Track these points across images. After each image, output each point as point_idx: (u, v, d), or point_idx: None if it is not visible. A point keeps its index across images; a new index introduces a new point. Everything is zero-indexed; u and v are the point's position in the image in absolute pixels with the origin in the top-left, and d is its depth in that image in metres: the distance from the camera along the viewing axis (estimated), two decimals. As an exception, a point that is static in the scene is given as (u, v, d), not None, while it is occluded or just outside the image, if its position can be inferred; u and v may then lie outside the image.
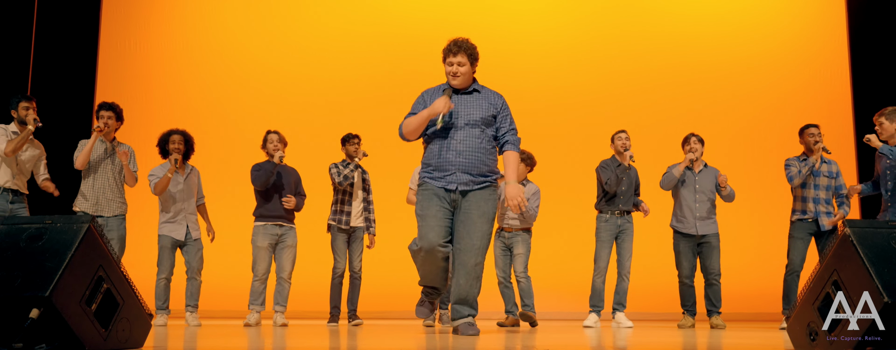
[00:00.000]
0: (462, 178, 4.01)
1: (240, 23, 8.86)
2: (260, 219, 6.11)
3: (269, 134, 6.20)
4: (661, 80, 8.68)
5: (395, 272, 7.68)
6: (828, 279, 2.67)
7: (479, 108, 4.09)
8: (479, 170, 4.03)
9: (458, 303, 4.09)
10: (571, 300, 7.38)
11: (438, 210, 4.01)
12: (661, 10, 8.89)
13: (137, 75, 8.72)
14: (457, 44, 4.07)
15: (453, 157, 4.00)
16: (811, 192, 5.90)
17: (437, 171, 4.05)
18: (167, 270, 5.94)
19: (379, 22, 8.81)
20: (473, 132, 4.04)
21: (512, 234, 6.00)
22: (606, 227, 6.08)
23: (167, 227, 5.96)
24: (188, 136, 6.07)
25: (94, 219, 2.61)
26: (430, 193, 4.04)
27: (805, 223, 5.90)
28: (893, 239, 2.61)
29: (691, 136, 6.24)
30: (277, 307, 6.07)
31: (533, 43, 8.74)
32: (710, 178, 6.18)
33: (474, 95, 4.14)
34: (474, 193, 4.04)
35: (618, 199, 6.07)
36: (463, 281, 4.03)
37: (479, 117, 4.05)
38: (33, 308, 2.34)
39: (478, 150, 4.03)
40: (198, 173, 6.21)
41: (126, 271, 2.74)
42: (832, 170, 5.98)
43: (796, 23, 8.83)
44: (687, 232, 6.10)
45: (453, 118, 4.05)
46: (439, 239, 3.99)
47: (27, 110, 5.30)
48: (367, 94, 8.57)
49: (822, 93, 8.63)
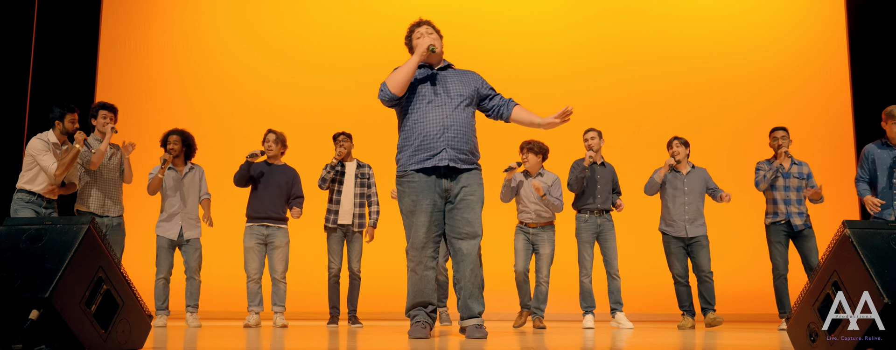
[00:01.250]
0: (451, 155, 3.72)
1: (239, 24, 8.86)
2: (248, 219, 6.12)
3: (267, 133, 6.21)
4: (660, 82, 8.68)
5: (395, 273, 7.67)
6: (828, 280, 2.67)
7: (461, 83, 3.90)
8: (468, 147, 3.79)
9: (465, 293, 3.81)
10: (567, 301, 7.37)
11: (428, 205, 3.75)
12: (661, 11, 8.89)
13: (137, 76, 8.72)
14: (427, 21, 3.98)
15: (441, 132, 3.73)
16: (781, 193, 5.96)
17: (421, 150, 3.75)
18: (165, 270, 5.94)
19: (377, 23, 8.81)
20: (461, 108, 3.81)
21: (537, 230, 5.95)
22: (586, 226, 6.05)
23: (163, 226, 5.97)
24: (187, 136, 6.08)
25: (94, 219, 2.61)
26: (416, 186, 3.76)
27: (778, 226, 5.95)
28: (893, 239, 2.61)
29: (674, 140, 6.23)
30: (276, 308, 6.07)
31: (529, 45, 8.74)
32: (698, 180, 6.17)
33: (451, 71, 3.97)
34: (466, 176, 3.79)
35: (595, 198, 6.03)
36: (469, 273, 3.77)
37: (465, 93, 3.87)
38: (33, 309, 2.34)
39: (466, 125, 3.80)
40: (201, 171, 6.20)
41: (126, 272, 2.74)
42: (802, 171, 6.03)
43: (796, 24, 8.83)
44: (676, 235, 6.11)
45: (436, 94, 3.82)
46: (429, 236, 3.76)
47: (74, 123, 5.23)
48: (367, 95, 8.53)
49: (821, 94, 8.64)
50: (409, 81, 3.80)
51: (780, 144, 5.95)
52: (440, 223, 3.82)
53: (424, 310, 3.88)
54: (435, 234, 3.80)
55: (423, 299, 3.86)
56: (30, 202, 5.15)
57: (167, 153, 5.92)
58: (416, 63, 3.80)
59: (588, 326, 5.88)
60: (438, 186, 3.78)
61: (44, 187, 5.18)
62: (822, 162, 8.07)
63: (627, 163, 7.42)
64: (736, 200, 6.64)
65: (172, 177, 5.98)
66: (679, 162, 6.13)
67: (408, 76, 3.78)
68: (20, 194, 5.18)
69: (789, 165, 6.00)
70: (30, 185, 5.18)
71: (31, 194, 5.17)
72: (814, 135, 8.37)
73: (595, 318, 6.05)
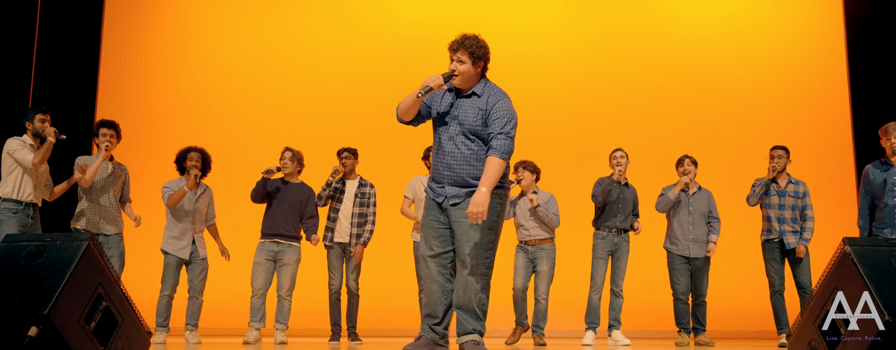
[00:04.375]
0: (451, 191, 3.85)
1: (241, 39, 8.89)
2: (262, 236, 6.11)
3: (284, 151, 6.24)
4: (659, 99, 8.69)
5: (393, 289, 7.65)
6: (828, 297, 2.67)
7: (470, 114, 3.81)
8: (470, 182, 3.82)
9: (460, 311, 3.84)
10: (566, 317, 7.35)
11: (433, 220, 3.91)
12: (659, 30, 8.92)
13: (138, 91, 8.74)
14: (459, 40, 3.84)
15: (444, 169, 3.86)
16: (776, 211, 5.99)
17: (433, 181, 3.95)
18: (170, 288, 5.91)
19: (381, 39, 8.83)
20: (463, 142, 3.82)
21: (535, 248, 6.02)
22: (602, 244, 6.10)
23: (172, 244, 5.94)
24: (206, 154, 6.07)
25: (94, 237, 2.61)
26: (427, 203, 3.96)
27: (772, 243, 5.98)
28: (893, 257, 2.61)
29: (685, 158, 6.27)
30: (278, 325, 6.04)
31: (527, 63, 8.74)
32: (703, 201, 6.22)
33: (472, 99, 3.85)
34: (466, 203, 3.82)
35: (615, 217, 6.10)
36: (461, 290, 3.81)
37: (468, 126, 3.80)
38: (32, 326, 2.34)
39: (467, 161, 3.81)
40: (210, 194, 6.20)
41: (125, 289, 2.74)
42: (799, 190, 6.04)
43: (795, 42, 8.85)
44: (680, 254, 6.14)
45: (448, 126, 3.85)
46: (434, 250, 3.88)
47: (43, 122, 5.27)
48: (370, 110, 8.59)
49: (821, 111, 8.64)
50: (411, 111, 3.86)
51: (774, 164, 5.99)
52: (446, 240, 3.90)
53: (427, 323, 3.94)
54: (441, 249, 3.89)
55: (425, 312, 3.98)
56: (17, 213, 5.13)
57: (195, 169, 5.92)
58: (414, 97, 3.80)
59: (587, 343, 5.88)
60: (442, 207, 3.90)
61: (29, 194, 5.18)
62: (821, 180, 8.07)
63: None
64: (735, 218, 6.65)
65: (187, 196, 5.98)
66: (691, 181, 6.19)
67: (410, 106, 3.84)
68: (7, 204, 5.13)
69: (785, 184, 6.03)
70: (16, 194, 5.15)
71: (18, 203, 5.15)
72: (813, 153, 8.37)
73: (596, 336, 6.05)
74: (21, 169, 5.18)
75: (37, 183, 5.28)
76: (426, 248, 3.91)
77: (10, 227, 5.07)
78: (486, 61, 3.87)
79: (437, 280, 3.90)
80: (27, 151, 5.16)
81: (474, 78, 3.84)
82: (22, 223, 5.13)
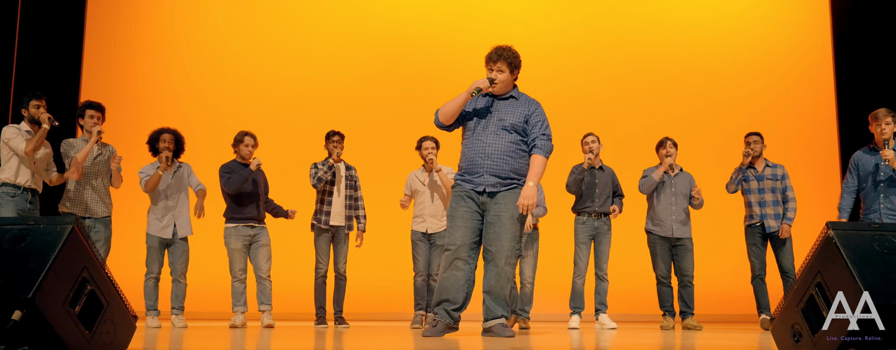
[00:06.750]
0: (490, 181, 4.13)
1: (227, 21, 8.82)
2: (231, 221, 6.08)
3: (246, 136, 6.15)
4: (644, 86, 8.71)
5: (381, 273, 7.66)
6: (811, 281, 2.69)
7: (512, 113, 4.21)
8: (506, 173, 4.14)
9: (490, 298, 4.13)
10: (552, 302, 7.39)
11: (466, 211, 4.15)
12: (645, 15, 8.92)
13: (123, 73, 8.66)
14: (497, 51, 4.24)
15: (482, 159, 4.14)
16: (756, 196, 6.10)
17: (467, 173, 4.19)
18: (156, 271, 5.93)
19: (367, 22, 8.80)
20: (503, 135, 4.16)
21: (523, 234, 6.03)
22: (583, 229, 6.12)
23: (155, 225, 5.94)
24: (178, 135, 6.08)
25: (79, 220, 2.59)
26: (460, 195, 4.19)
27: (754, 228, 6.11)
28: (876, 241, 2.64)
29: (667, 140, 6.29)
30: (262, 307, 6.06)
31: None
32: (685, 183, 6.25)
33: (510, 101, 4.28)
34: (502, 195, 4.14)
35: (593, 201, 6.11)
36: (494, 279, 4.10)
37: (510, 123, 4.17)
38: (16, 310, 2.32)
39: (506, 153, 4.14)
40: (188, 168, 6.19)
41: (111, 273, 2.72)
42: (777, 173, 6.13)
43: (781, 29, 8.88)
44: (663, 235, 6.17)
45: (487, 122, 4.19)
46: (463, 240, 4.12)
47: (38, 108, 5.22)
48: (356, 94, 8.56)
49: (806, 98, 8.69)
50: (457, 114, 4.23)
51: (747, 150, 6.08)
52: (476, 230, 4.16)
53: (444, 309, 4.17)
54: (471, 239, 4.14)
55: (443, 297, 4.18)
56: (15, 197, 5.11)
57: (166, 151, 5.89)
58: (463, 100, 4.18)
59: (573, 327, 5.92)
60: (477, 199, 4.18)
61: (27, 180, 5.15)
62: (806, 165, 8.13)
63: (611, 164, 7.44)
64: (718, 203, 6.69)
65: (163, 177, 5.95)
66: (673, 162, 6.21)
67: (456, 110, 4.21)
68: (5, 188, 5.13)
69: (762, 168, 6.10)
70: (14, 178, 5.13)
71: (17, 188, 5.14)
72: (798, 139, 8.43)
73: (581, 319, 6.09)
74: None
75: (35, 169, 5.25)
76: (459, 237, 4.13)
77: (8, 210, 5.06)
78: (519, 70, 4.33)
79: (462, 269, 4.15)
80: (21, 140, 5.13)
81: (510, 84, 4.32)
82: (20, 208, 5.12)
